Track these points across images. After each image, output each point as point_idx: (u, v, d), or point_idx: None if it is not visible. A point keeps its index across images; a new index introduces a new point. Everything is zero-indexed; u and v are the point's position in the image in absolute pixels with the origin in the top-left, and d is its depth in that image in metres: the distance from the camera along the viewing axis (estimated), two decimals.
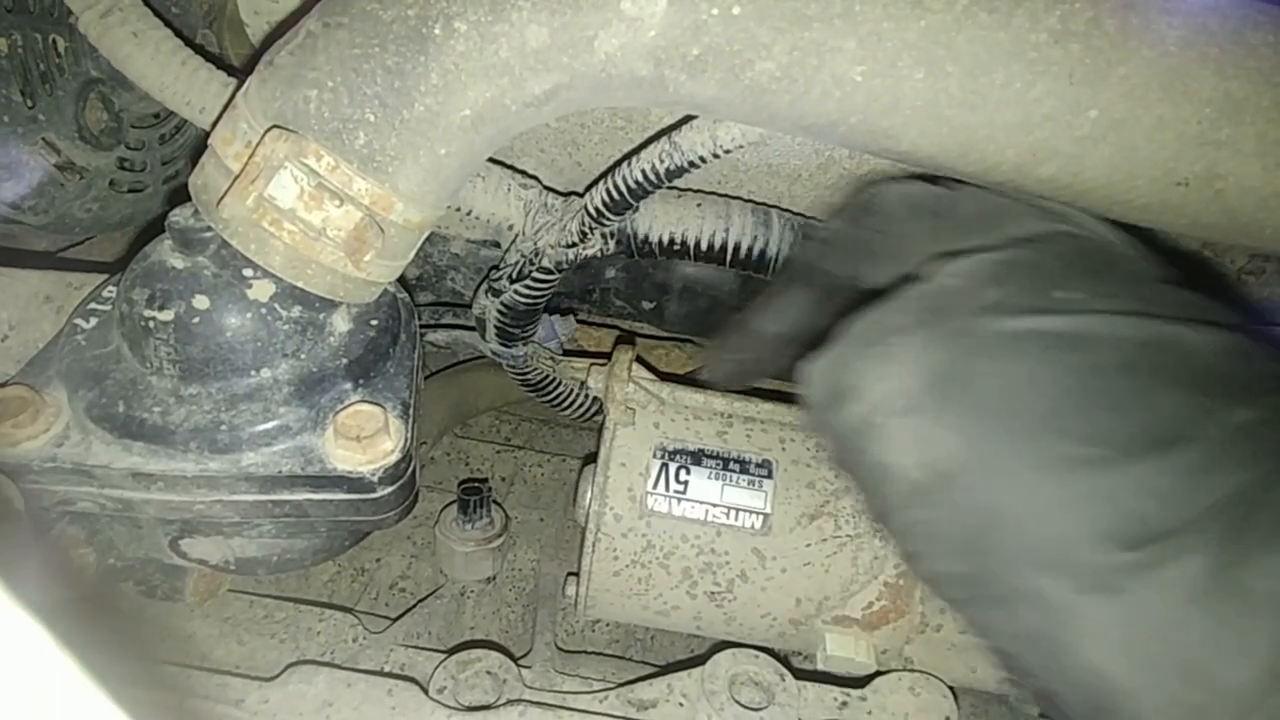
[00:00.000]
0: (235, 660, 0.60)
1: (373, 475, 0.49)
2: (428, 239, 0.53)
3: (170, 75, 0.56)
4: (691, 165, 0.54)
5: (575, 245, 0.63)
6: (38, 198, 0.63)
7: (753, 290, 0.77)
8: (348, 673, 0.54)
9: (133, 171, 0.71)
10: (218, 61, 0.58)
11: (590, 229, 0.61)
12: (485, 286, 0.72)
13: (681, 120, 0.55)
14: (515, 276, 0.67)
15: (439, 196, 0.48)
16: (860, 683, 0.59)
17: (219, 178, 0.46)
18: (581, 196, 0.63)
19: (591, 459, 0.66)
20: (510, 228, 0.66)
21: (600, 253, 0.64)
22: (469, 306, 0.78)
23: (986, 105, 0.44)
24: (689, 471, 0.63)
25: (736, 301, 0.82)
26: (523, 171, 0.69)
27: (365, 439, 0.49)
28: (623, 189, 0.57)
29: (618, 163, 0.58)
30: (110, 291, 0.56)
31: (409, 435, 0.52)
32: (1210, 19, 0.45)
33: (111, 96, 0.68)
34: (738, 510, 0.62)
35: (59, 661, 0.20)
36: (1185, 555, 0.31)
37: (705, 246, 0.64)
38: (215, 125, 0.48)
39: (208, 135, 0.48)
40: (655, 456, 0.63)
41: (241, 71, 0.55)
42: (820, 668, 0.62)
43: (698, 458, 0.64)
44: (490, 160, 0.62)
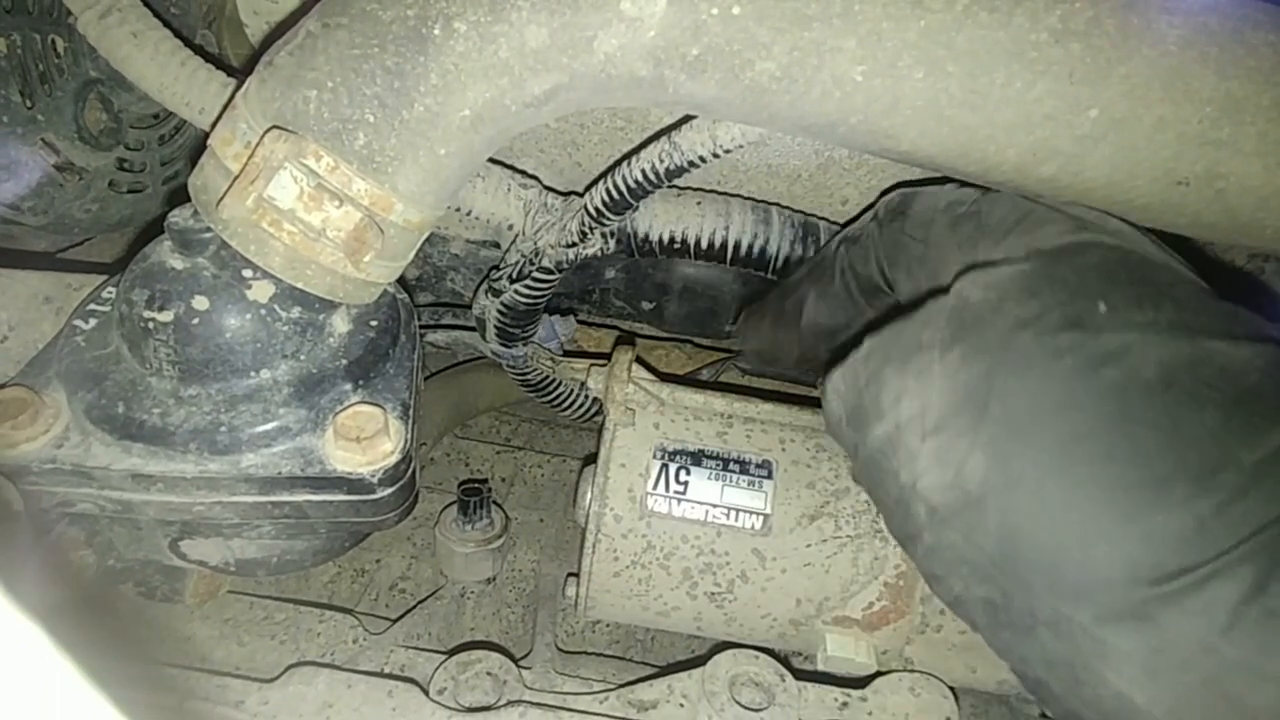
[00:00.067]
0: (235, 661, 0.60)
1: (372, 476, 0.49)
2: (427, 240, 0.53)
3: (169, 76, 0.56)
4: (691, 165, 0.54)
5: (575, 245, 0.62)
6: (37, 198, 0.62)
7: (758, 289, 0.77)
8: (348, 674, 0.54)
9: (132, 172, 0.71)
10: (217, 62, 0.58)
11: (590, 229, 0.61)
12: (485, 286, 0.72)
13: (681, 120, 0.55)
14: (515, 276, 0.67)
15: (439, 197, 0.48)
16: (860, 683, 0.59)
17: (218, 178, 0.46)
18: (581, 196, 0.63)
19: (591, 460, 0.66)
20: (510, 228, 0.66)
21: (600, 252, 0.64)
22: (469, 307, 0.78)
23: (987, 105, 0.44)
24: (689, 472, 0.63)
25: (737, 301, 0.82)
26: (522, 171, 0.69)
27: (365, 440, 0.49)
28: (623, 189, 0.57)
29: (617, 162, 0.58)
30: (109, 292, 0.56)
31: (409, 436, 0.52)
32: (1210, 18, 0.45)
33: (111, 97, 0.67)
34: (738, 511, 0.62)
35: (58, 663, 0.20)
36: (1217, 585, 0.30)
37: (705, 245, 0.64)
38: (214, 126, 0.48)
39: (207, 136, 0.48)
40: (655, 457, 0.63)
41: (241, 72, 0.55)
42: (820, 668, 0.62)
43: (698, 458, 0.63)
44: (490, 160, 0.62)
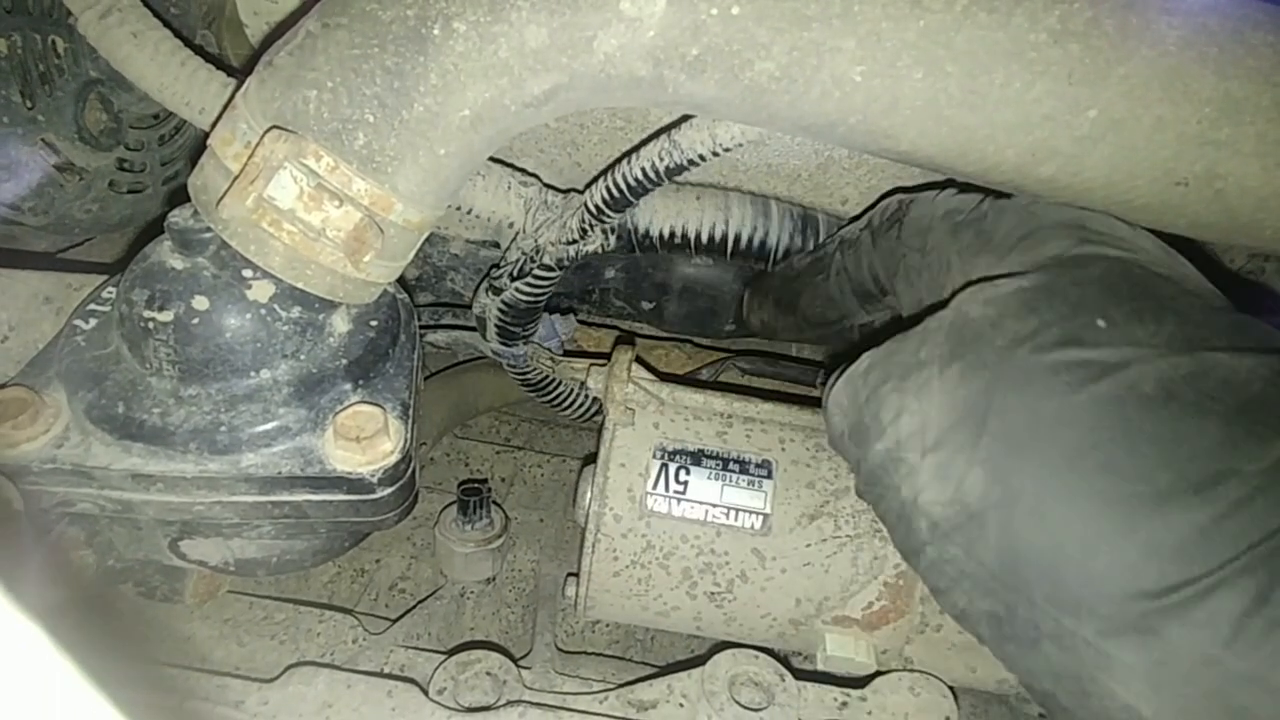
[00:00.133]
0: (235, 661, 0.60)
1: (372, 476, 0.49)
2: (427, 240, 0.53)
3: (169, 76, 0.56)
4: (691, 163, 0.54)
5: (576, 242, 0.62)
6: (37, 198, 0.63)
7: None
8: (347, 674, 0.54)
9: (132, 172, 0.71)
10: (217, 62, 0.58)
11: (590, 226, 0.61)
12: (486, 285, 0.72)
13: (680, 119, 0.55)
14: (516, 274, 0.67)
15: (438, 197, 0.48)
16: (860, 683, 0.59)
17: (218, 178, 0.46)
18: (582, 193, 0.63)
19: (591, 459, 0.66)
20: (510, 225, 0.66)
21: (601, 248, 0.64)
22: (469, 307, 0.78)
23: (986, 105, 0.44)
24: (689, 472, 0.63)
25: (737, 301, 0.82)
26: (522, 170, 0.69)
27: (365, 440, 0.49)
28: (623, 186, 0.57)
29: (617, 160, 0.58)
30: (110, 292, 0.56)
31: (408, 436, 0.52)
32: (1210, 19, 0.45)
33: (111, 97, 0.67)
34: (737, 510, 0.62)
35: (58, 663, 0.20)
36: (1221, 595, 0.30)
37: (706, 238, 0.64)
38: (214, 126, 0.48)
39: (207, 136, 0.48)
40: (655, 457, 0.63)
41: (241, 72, 0.55)
42: (820, 668, 0.62)
43: (697, 458, 0.64)
44: (490, 158, 0.62)
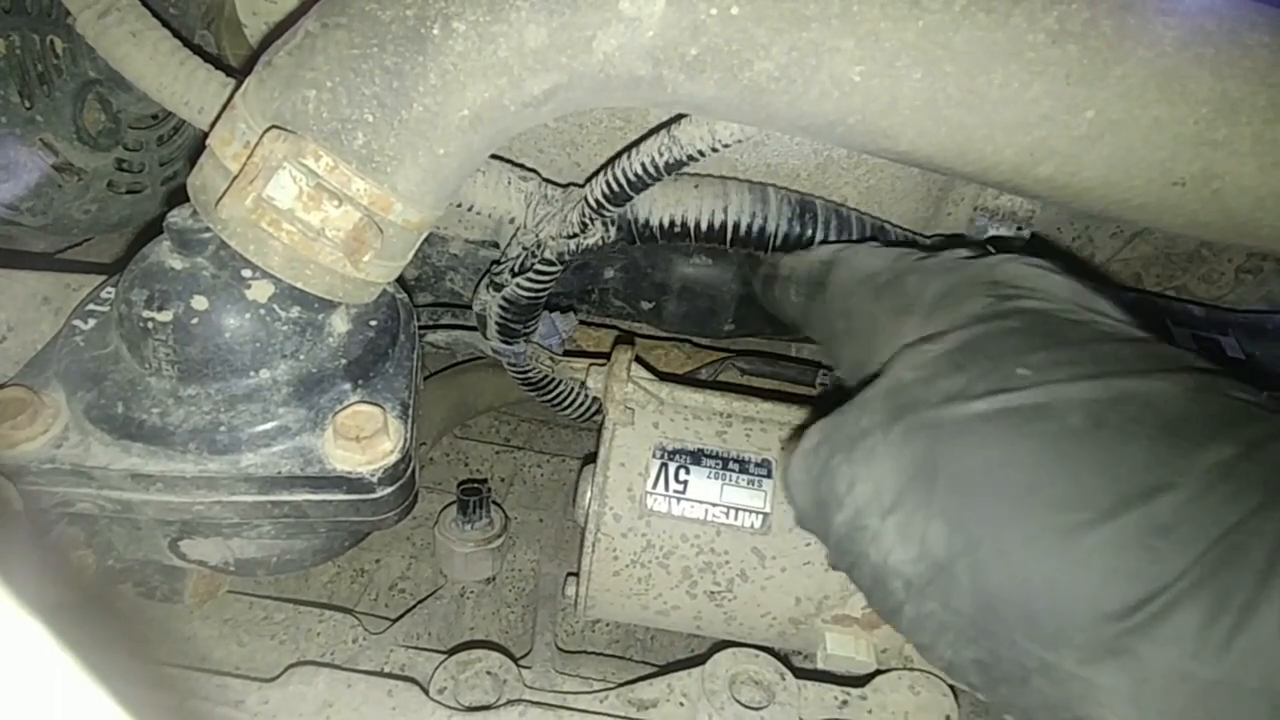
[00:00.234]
0: (235, 661, 0.60)
1: (372, 476, 0.49)
2: (426, 240, 0.53)
3: (168, 75, 0.56)
4: (690, 158, 0.54)
5: (576, 236, 0.63)
6: (36, 199, 0.62)
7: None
8: (348, 673, 0.54)
9: (131, 172, 0.71)
10: (216, 62, 0.58)
11: (591, 219, 0.61)
12: (486, 281, 0.71)
13: (680, 115, 0.55)
14: (517, 270, 0.66)
15: (438, 197, 0.48)
16: (860, 681, 0.59)
17: (217, 178, 0.46)
18: (581, 187, 0.63)
19: (591, 459, 0.66)
20: (511, 221, 0.66)
21: (602, 240, 0.64)
22: (468, 307, 0.78)
23: (984, 105, 0.45)
24: (688, 471, 0.63)
25: (736, 301, 0.82)
26: (521, 166, 0.69)
27: (364, 439, 0.49)
28: (622, 181, 0.57)
29: (617, 155, 0.59)
30: (109, 293, 0.56)
31: (408, 436, 0.52)
32: (1207, 20, 0.45)
33: (109, 97, 0.67)
34: (737, 510, 0.62)
35: (59, 662, 0.20)
36: (1182, 608, 0.31)
37: (705, 227, 0.64)
38: (213, 126, 0.48)
39: (206, 136, 0.48)
40: (655, 456, 0.63)
41: (240, 72, 0.55)
42: (820, 667, 0.62)
43: (697, 457, 0.64)
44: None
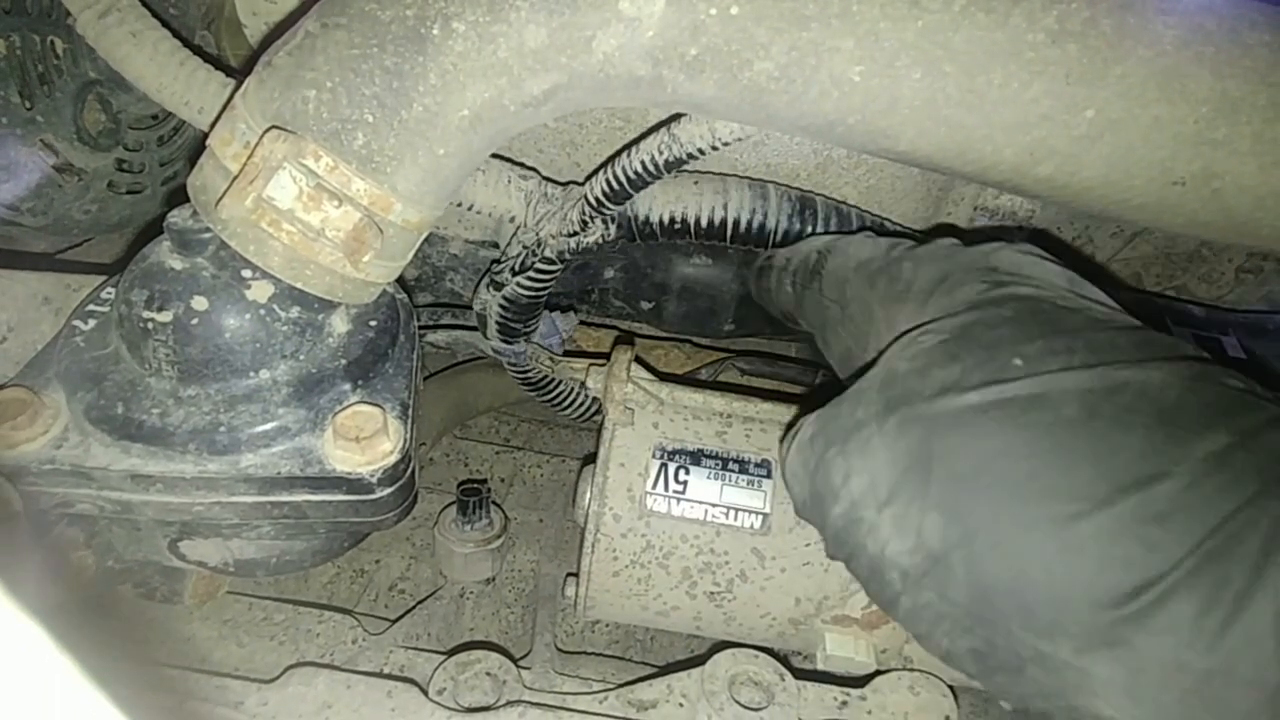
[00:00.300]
0: (234, 662, 0.60)
1: (372, 476, 0.49)
2: (426, 240, 0.53)
3: (168, 76, 0.56)
4: (690, 156, 0.54)
5: (577, 234, 0.63)
6: (36, 199, 0.62)
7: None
8: (347, 674, 0.54)
9: (131, 173, 0.71)
10: (215, 62, 0.58)
11: (591, 217, 0.61)
12: (486, 281, 0.71)
13: (679, 114, 0.55)
14: (518, 269, 0.66)
15: (438, 197, 0.48)
16: (860, 682, 0.59)
17: (217, 178, 0.46)
18: (581, 185, 0.63)
19: (591, 459, 0.66)
20: (511, 219, 0.66)
21: (602, 238, 0.64)
22: (468, 307, 0.78)
23: (984, 105, 0.45)
24: (688, 471, 0.63)
25: (736, 301, 0.82)
26: (521, 164, 0.69)
27: (364, 440, 0.49)
28: (622, 179, 0.57)
29: (616, 153, 0.59)
30: (109, 293, 0.56)
31: (408, 436, 0.52)
32: (1207, 19, 0.45)
33: (110, 98, 0.67)
34: (737, 510, 0.62)
35: (59, 663, 0.20)
36: (1177, 598, 0.31)
37: (705, 223, 0.64)
38: (213, 126, 0.48)
39: (206, 136, 0.48)
40: (654, 456, 0.63)
41: (240, 72, 0.55)
42: (820, 667, 0.62)
43: (697, 458, 0.64)
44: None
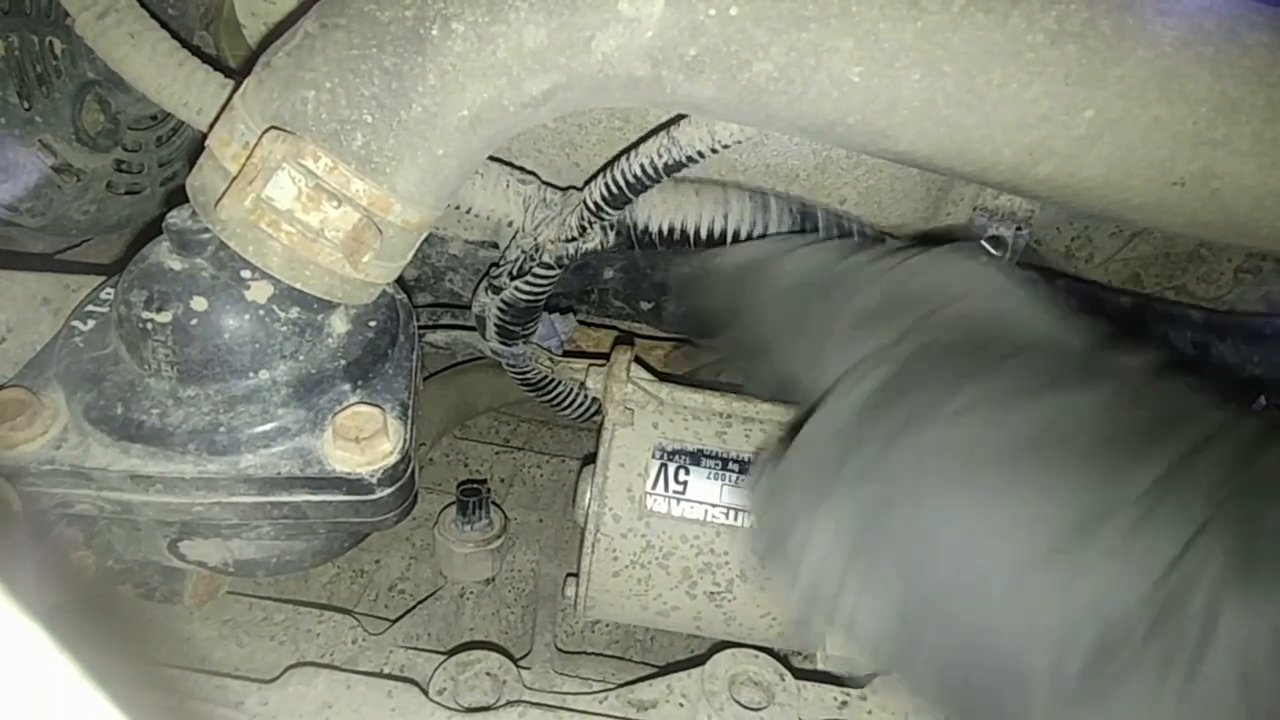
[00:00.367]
0: (235, 662, 0.60)
1: (371, 476, 0.49)
2: (425, 240, 0.53)
3: (167, 76, 0.56)
4: (690, 160, 0.54)
5: (575, 239, 0.62)
6: (35, 200, 0.62)
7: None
8: (347, 674, 0.54)
9: (130, 173, 0.71)
10: (214, 63, 0.58)
11: (590, 223, 0.61)
12: (485, 284, 0.71)
13: (679, 116, 0.55)
14: (516, 273, 0.66)
15: (437, 197, 0.48)
16: (860, 682, 0.59)
17: (216, 179, 0.46)
18: (580, 190, 0.63)
19: (590, 460, 0.66)
20: (510, 224, 0.66)
21: (600, 245, 0.64)
22: (467, 307, 0.78)
23: (983, 105, 0.45)
24: (688, 472, 0.63)
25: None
26: (520, 168, 0.69)
27: (364, 440, 0.49)
28: (621, 183, 0.57)
29: (616, 157, 0.59)
30: (108, 293, 0.56)
31: (408, 436, 0.52)
32: (1206, 19, 0.45)
33: (108, 98, 0.67)
34: (737, 510, 0.62)
35: (58, 663, 0.20)
36: (1139, 657, 0.32)
37: (705, 234, 0.64)
38: (213, 127, 0.48)
39: (205, 137, 0.48)
40: (654, 457, 0.63)
41: (238, 73, 0.55)
42: (820, 667, 0.62)
43: (696, 458, 0.64)
44: (487, 157, 0.62)
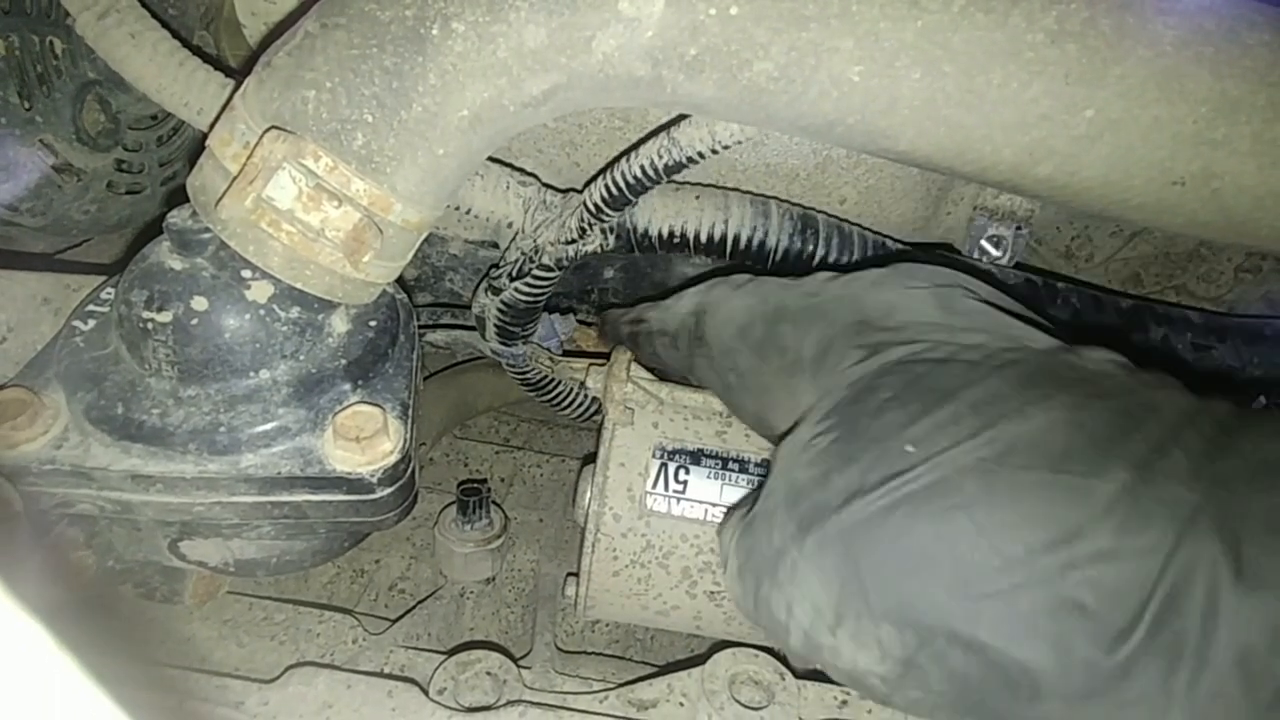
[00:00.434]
0: (235, 662, 0.60)
1: (372, 476, 0.49)
2: (426, 240, 0.53)
3: (168, 76, 0.56)
4: (690, 160, 0.54)
5: (575, 242, 0.62)
6: (35, 199, 0.62)
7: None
8: (347, 674, 0.54)
9: (130, 173, 0.71)
10: (215, 63, 0.58)
11: (589, 225, 0.61)
12: (485, 285, 0.72)
13: (679, 117, 0.55)
14: (515, 274, 0.66)
15: (437, 197, 0.48)
16: None
17: (217, 179, 0.46)
18: (580, 193, 0.63)
19: (591, 459, 0.66)
20: (509, 225, 0.66)
21: (600, 248, 0.64)
22: (468, 307, 0.78)
23: (983, 105, 0.45)
24: (688, 471, 0.63)
25: None
26: (520, 170, 0.69)
27: (364, 440, 0.49)
28: (621, 185, 0.57)
29: (616, 158, 0.59)
30: (108, 293, 0.56)
31: (408, 436, 0.52)
32: (1206, 19, 0.45)
33: (109, 98, 0.67)
34: None
35: (59, 663, 0.20)
36: (1141, 665, 0.33)
37: (705, 239, 0.64)
38: (213, 126, 0.48)
39: (205, 136, 0.48)
40: (654, 456, 0.63)
41: (239, 73, 0.55)
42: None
43: (697, 457, 0.64)
44: (488, 158, 0.62)
